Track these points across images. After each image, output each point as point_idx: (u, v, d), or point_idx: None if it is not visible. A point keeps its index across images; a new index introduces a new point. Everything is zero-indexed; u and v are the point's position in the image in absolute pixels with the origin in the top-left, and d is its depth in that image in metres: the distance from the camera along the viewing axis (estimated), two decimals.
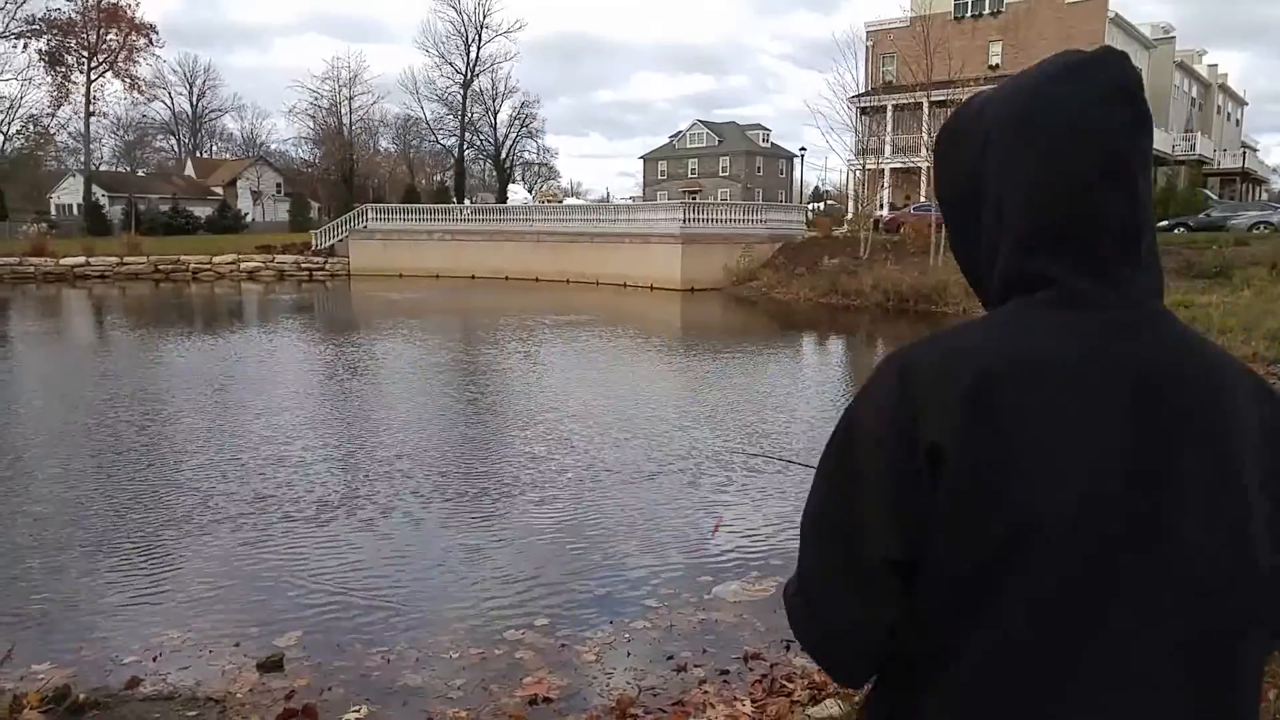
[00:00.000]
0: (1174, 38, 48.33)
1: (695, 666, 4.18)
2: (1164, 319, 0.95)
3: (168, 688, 3.95)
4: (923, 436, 0.89)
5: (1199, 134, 47.43)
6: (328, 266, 36.45)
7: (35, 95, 78.03)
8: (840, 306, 24.45)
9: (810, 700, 3.63)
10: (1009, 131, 0.97)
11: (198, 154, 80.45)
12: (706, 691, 3.88)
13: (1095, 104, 0.94)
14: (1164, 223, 30.57)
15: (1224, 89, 57.43)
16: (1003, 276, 0.98)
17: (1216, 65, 56.08)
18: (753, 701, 3.71)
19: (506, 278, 33.57)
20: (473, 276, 34.20)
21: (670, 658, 4.28)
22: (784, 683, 3.91)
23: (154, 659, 4.24)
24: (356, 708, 3.78)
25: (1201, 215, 30.84)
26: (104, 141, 69.24)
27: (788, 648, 4.39)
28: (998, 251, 0.98)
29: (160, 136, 79.75)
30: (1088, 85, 0.94)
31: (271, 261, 36.33)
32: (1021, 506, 0.87)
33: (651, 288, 29.35)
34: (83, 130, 57.09)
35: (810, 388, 12.46)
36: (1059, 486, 0.87)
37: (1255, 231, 27.55)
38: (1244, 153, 52.34)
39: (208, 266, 35.31)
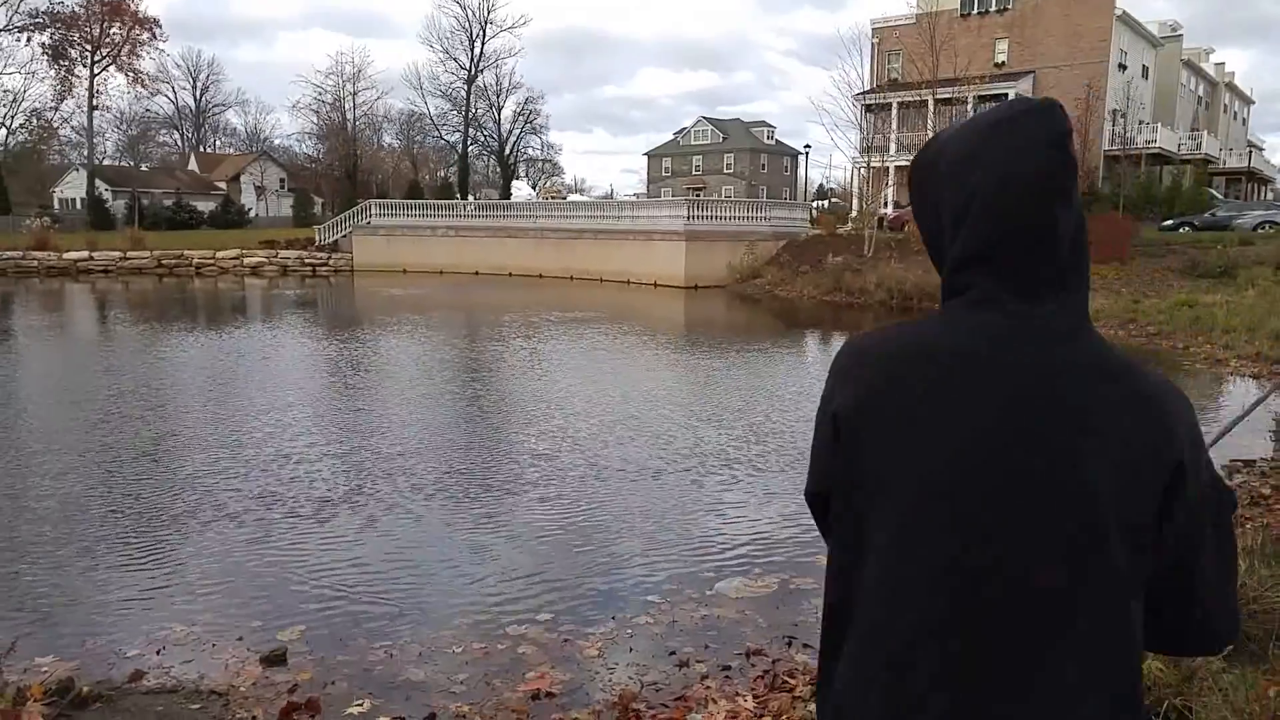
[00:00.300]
0: (1181, 35, 48.23)
1: (697, 662, 4.18)
2: (1070, 333, 1.09)
3: (171, 681, 3.95)
4: (833, 406, 1.15)
5: (1205, 133, 47.29)
6: (331, 262, 36.48)
7: (38, 89, 78.14)
8: (844, 305, 24.42)
9: (812, 696, 3.62)
10: (957, 168, 1.14)
11: (201, 149, 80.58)
12: (709, 687, 3.87)
13: (1026, 151, 1.09)
14: (1169, 222, 30.55)
15: (1230, 87, 57.29)
16: (944, 285, 1.16)
17: (1224, 63, 55.99)
18: (754, 697, 3.71)
19: (510, 274, 33.57)
20: (476, 273, 34.20)
21: (673, 653, 4.28)
22: (786, 678, 3.90)
23: (157, 652, 4.24)
24: (359, 702, 3.78)
25: (1207, 215, 30.79)
26: (107, 135, 69.43)
27: (789, 644, 4.39)
28: (939, 266, 1.18)
29: (163, 131, 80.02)
30: (1022, 134, 1.10)
31: (275, 257, 36.38)
32: (885, 465, 1.09)
33: (655, 285, 29.34)
34: (86, 124, 57.19)
35: (815, 385, 12.43)
36: (919, 453, 1.07)
37: (1260, 231, 27.50)
38: (1250, 152, 52.22)
39: (211, 261, 35.35)
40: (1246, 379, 12.15)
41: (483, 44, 64.37)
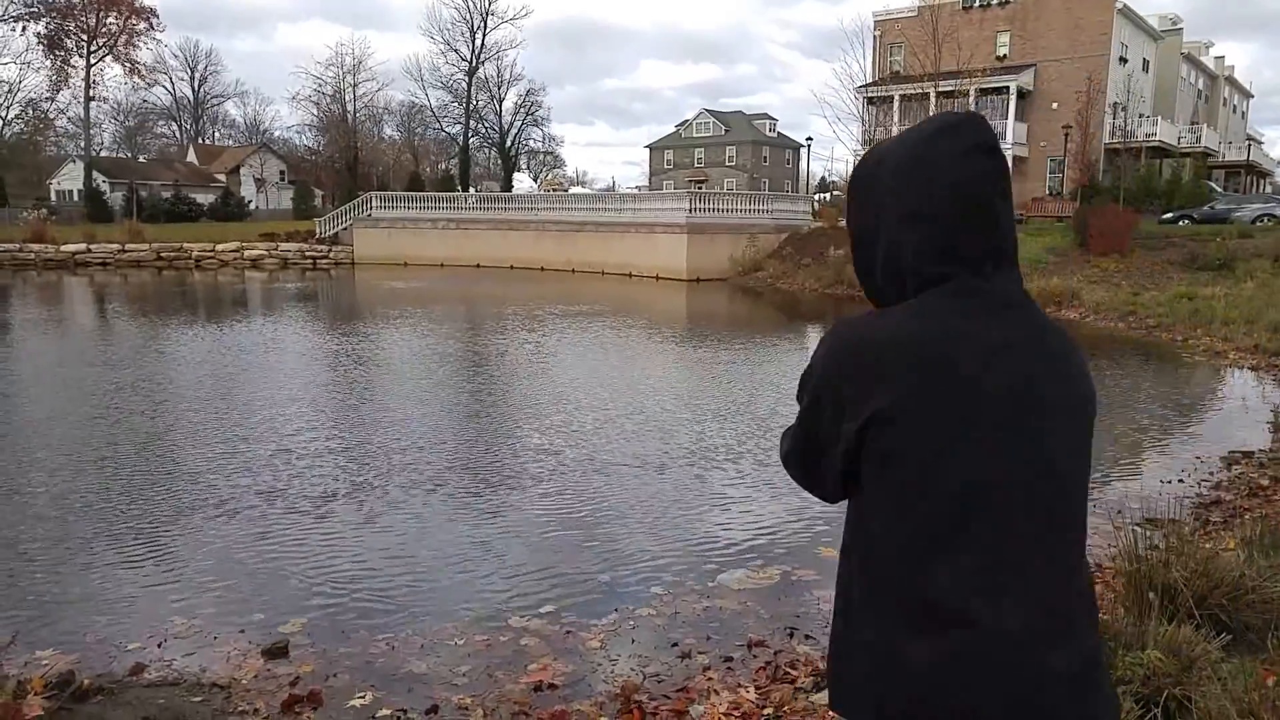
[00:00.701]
0: (1181, 29, 48.08)
1: (699, 653, 4.18)
2: (1028, 301, 1.32)
3: (173, 674, 3.95)
4: (853, 393, 1.26)
5: (1205, 126, 47.17)
6: (332, 255, 36.44)
7: (34, 79, 77.69)
8: (846, 297, 24.38)
9: (814, 687, 3.63)
10: (899, 179, 1.31)
11: (200, 140, 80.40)
12: (710, 678, 3.88)
13: (960, 158, 1.28)
14: (1168, 215, 30.49)
15: (1230, 81, 57.14)
16: (914, 277, 1.30)
17: (1223, 57, 55.83)
18: (756, 688, 3.72)
19: (511, 267, 33.54)
20: (478, 265, 34.18)
21: (675, 645, 4.29)
22: (787, 669, 3.91)
23: (158, 645, 4.25)
24: (361, 694, 3.79)
25: (1205, 208, 30.72)
26: (104, 127, 69.33)
27: (791, 635, 4.40)
28: (898, 264, 1.31)
29: (161, 122, 79.88)
30: (954, 143, 1.28)
31: (275, 249, 36.31)
32: (938, 444, 1.22)
33: (657, 278, 29.31)
34: (82, 115, 57.03)
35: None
36: (941, 422, 1.23)
37: (1259, 224, 27.47)
38: (1249, 145, 52.14)
39: (211, 254, 35.29)
40: (1245, 370, 12.15)
41: (484, 35, 64.28)
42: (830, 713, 1.26)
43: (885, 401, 1.23)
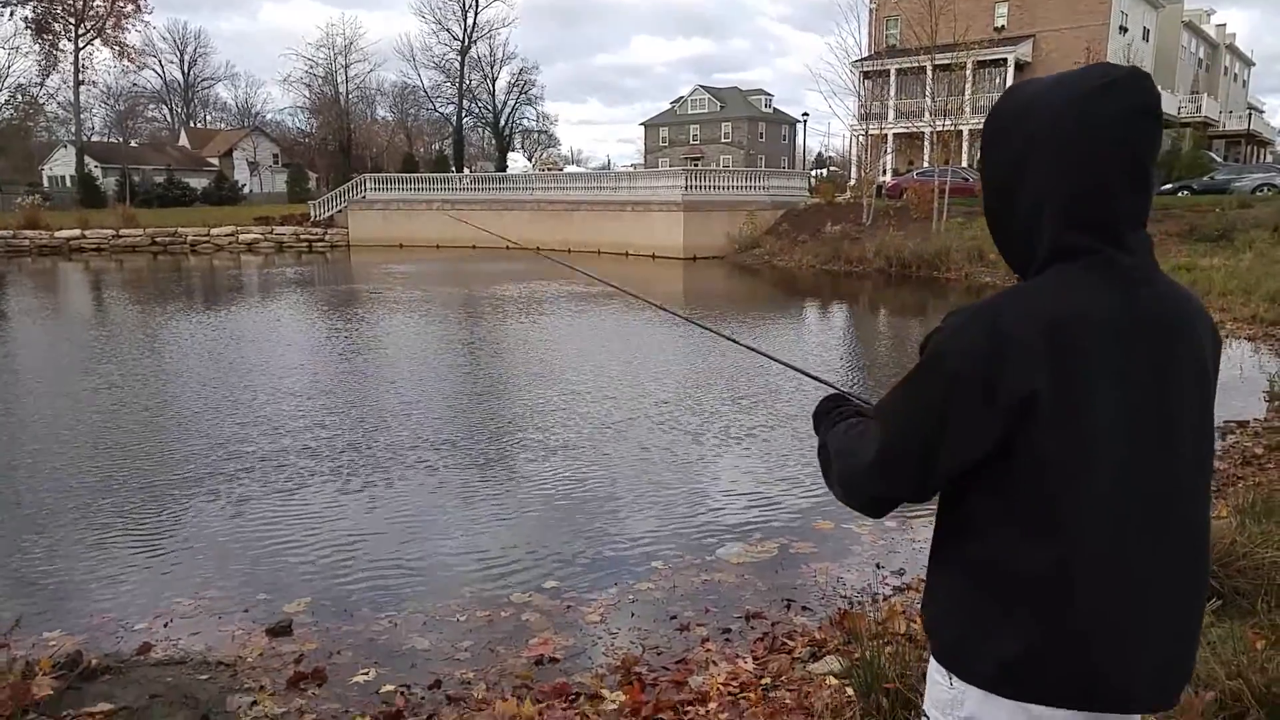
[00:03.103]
0: None
1: (698, 626, 4.24)
2: (1157, 271, 1.29)
3: (179, 653, 4.00)
4: (1013, 380, 1.18)
5: (1205, 95, 46.89)
6: (327, 238, 36.34)
7: (23, 64, 77.07)
8: (843, 274, 24.38)
9: (810, 657, 3.68)
10: (1056, 133, 1.23)
11: (191, 124, 79.77)
12: (709, 650, 3.93)
13: (1130, 118, 1.21)
14: (1168, 186, 30.37)
15: (1231, 49, 56.71)
16: (1050, 247, 1.25)
17: (1224, 25, 55.37)
18: (754, 659, 3.77)
19: (507, 247, 33.42)
20: (473, 246, 34.05)
21: (674, 618, 4.34)
22: (785, 640, 3.97)
23: (164, 625, 4.30)
24: (364, 670, 3.84)
25: (1205, 178, 30.60)
26: (95, 111, 68.78)
27: (788, 606, 4.45)
28: (1037, 229, 1.26)
29: (152, 106, 79.08)
30: (1121, 101, 1.21)
31: (270, 233, 36.20)
32: (1093, 430, 1.20)
33: (654, 256, 29.26)
34: (72, 100, 56.52)
35: (814, 354, 12.44)
36: (1117, 412, 1.20)
37: (1259, 194, 27.37)
38: (1250, 114, 51.80)
39: (206, 238, 35.20)
40: (1241, 341, 12.18)
41: (475, 13, 63.63)
42: None
43: (1031, 380, 1.18)
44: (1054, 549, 1.22)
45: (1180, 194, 28.67)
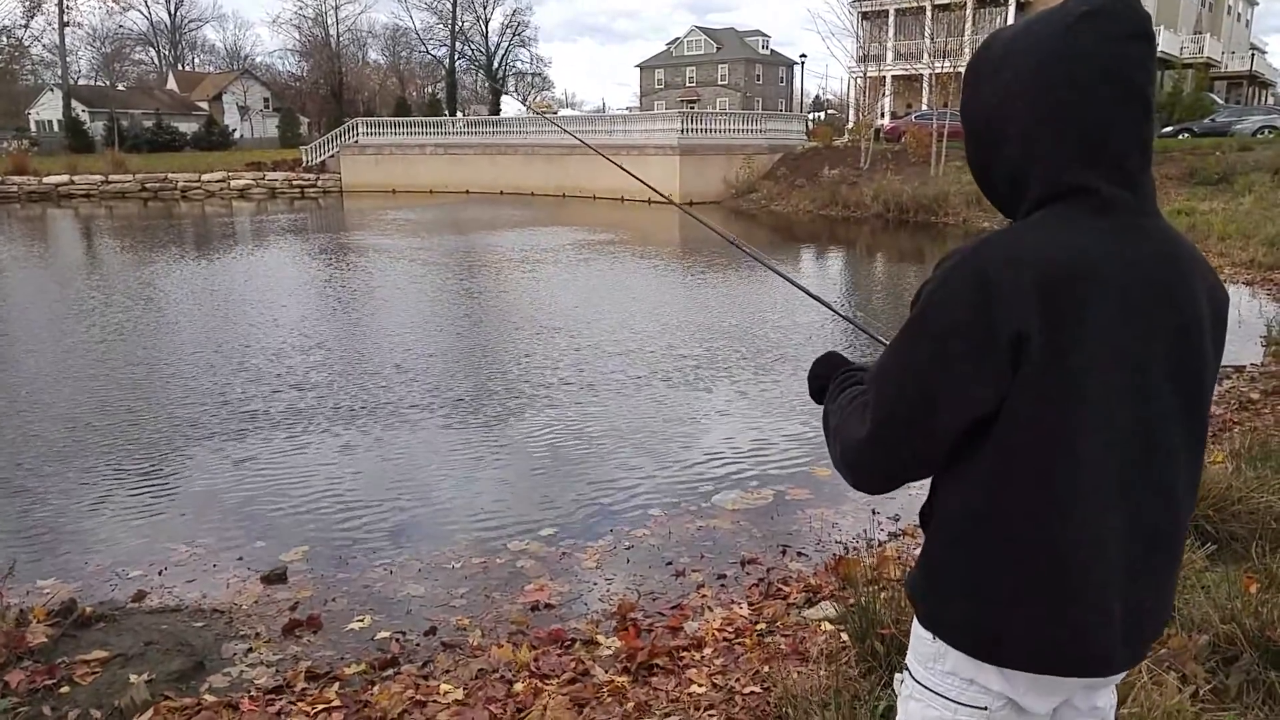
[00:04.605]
0: None
1: (694, 572, 4.25)
2: (1158, 218, 1.21)
3: (174, 600, 4.01)
4: (1003, 324, 1.11)
5: (1208, 35, 46.02)
6: (320, 183, 35.84)
7: (7, 5, 75.07)
8: (840, 219, 24.17)
9: (805, 602, 3.69)
10: (1038, 66, 1.16)
11: (180, 67, 78.15)
12: (705, 595, 3.95)
13: (1115, 44, 1.14)
14: (1168, 129, 29.98)
15: None
16: (1043, 188, 1.18)
17: None
18: (749, 604, 3.78)
19: (501, 192, 33.06)
20: (467, 192, 33.68)
21: (670, 564, 4.35)
22: (780, 586, 3.98)
23: (159, 573, 4.30)
24: (360, 617, 3.85)
25: (1207, 120, 30.21)
26: (81, 54, 67.34)
27: (784, 552, 4.46)
28: (1026, 172, 1.19)
29: (139, 48, 77.38)
30: (1106, 26, 1.13)
31: (262, 179, 35.67)
32: (1082, 379, 1.14)
33: (649, 202, 28.92)
34: (58, 42, 55.24)
35: (809, 300, 12.37)
36: (1104, 362, 1.15)
37: (1259, 136, 27.05)
38: (1252, 55, 50.93)
39: (197, 184, 34.69)
40: (1239, 285, 12.12)
41: None
42: None
43: (1029, 321, 1.11)
44: (1040, 511, 1.18)
45: (1181, 136, 28.32)
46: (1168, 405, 1.20)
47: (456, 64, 65.65)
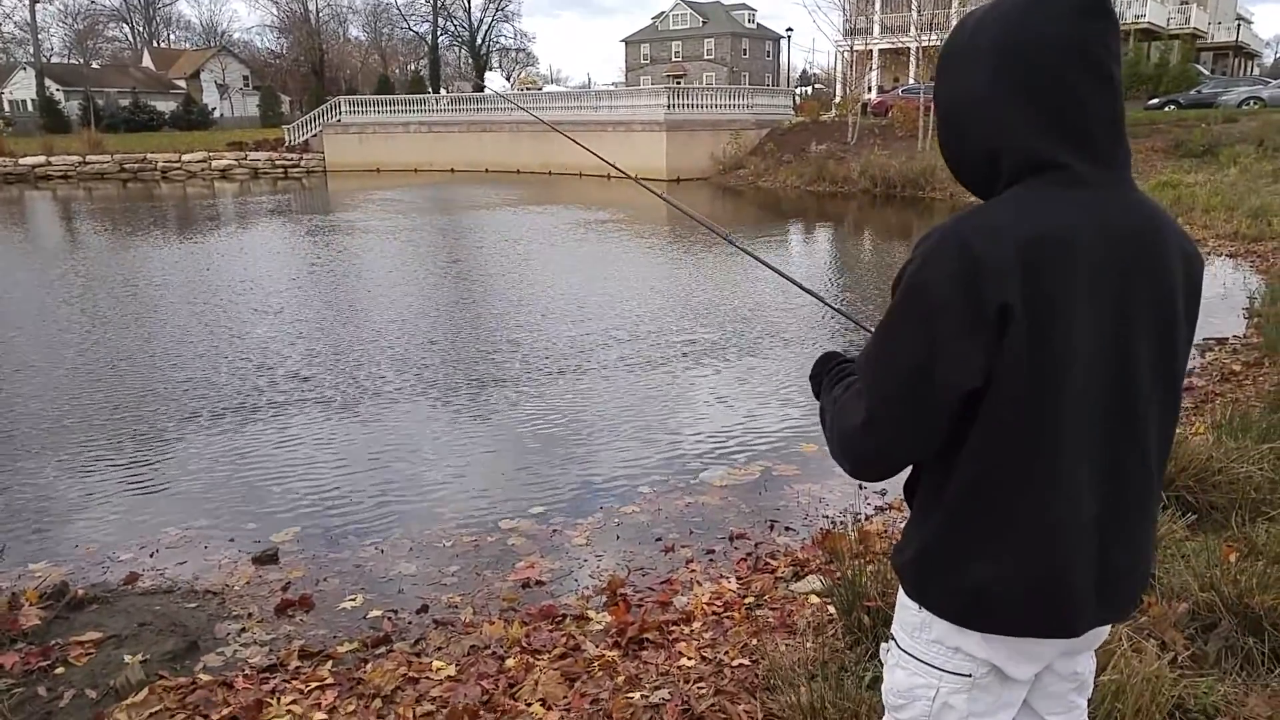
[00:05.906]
0: None
1: (683, 547, 4.29)
2: (1134, 188, 1.24)
3: (166, 582, 4.02)
4: (990, 298, 1.13)
5: (1194, 6, 45.95)
6: (303, 163, 35.48)
7: None
8: (828, 194, 24.14)
9: (793, 576, 3.74)
10: (1004, 55, 1.18)
11: (155, 44, 76.84)
12: (693, 570, 3.99)
13: (1078, 22, 1.17)
14: (1154, 101, 29.99)
15: None
16: (1015, 166, 1.20)
17: None
18: (738, 579, 3.83)
19: (487, 170, 32.84)
20: (452, 170, 33.44)
21: (659, 540, 4.39)
22: (768, 560, 4.03)
23: (151, 555, 4.31)
24: (351, 597, 3.87)
25: (1193, 92, 30.23)
26: (53, 31, 66.13)
27: (771, 527, 4.51)
28: (997, 152, 1.21)
29: (112, 25, 75.87)
30: (1068, 7, 1.16)
31: (244, 159, 35.26)
32: (1064, 350, 1.16)
33: (636, 179, 28.75)
34: (29, 19, 54.26)
35: (799, 276, 12.39)
36: (1082, 331, 1.17)
37: (1245, 107, 27.11)
38: (1239, 25, 50.89)
39: (177, 165, 34.25)
40: (1223, 258, 12.21)
41: None
42: None
43: (1012, 292, 1.13)
44: (1023, 481, 1.21)
45: (1167, 108, 28.34)
46: (1144, 372, 1.22)
47: (439, 40, 64.93)
